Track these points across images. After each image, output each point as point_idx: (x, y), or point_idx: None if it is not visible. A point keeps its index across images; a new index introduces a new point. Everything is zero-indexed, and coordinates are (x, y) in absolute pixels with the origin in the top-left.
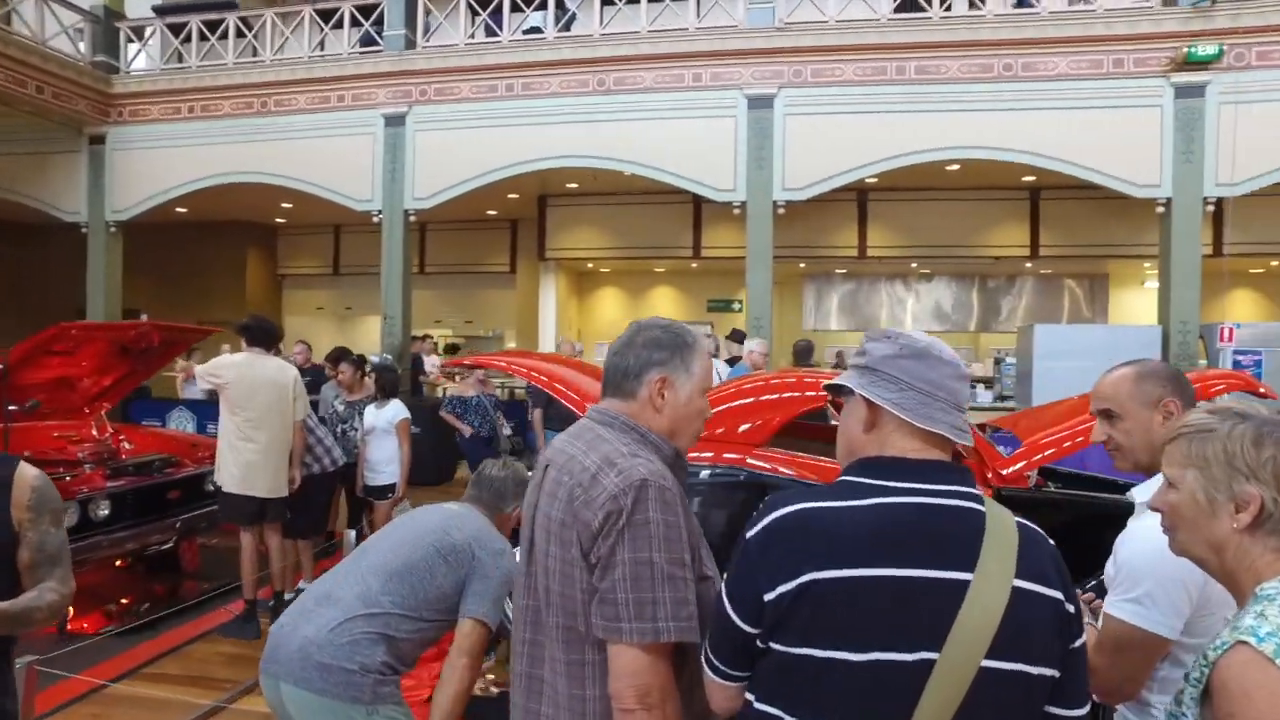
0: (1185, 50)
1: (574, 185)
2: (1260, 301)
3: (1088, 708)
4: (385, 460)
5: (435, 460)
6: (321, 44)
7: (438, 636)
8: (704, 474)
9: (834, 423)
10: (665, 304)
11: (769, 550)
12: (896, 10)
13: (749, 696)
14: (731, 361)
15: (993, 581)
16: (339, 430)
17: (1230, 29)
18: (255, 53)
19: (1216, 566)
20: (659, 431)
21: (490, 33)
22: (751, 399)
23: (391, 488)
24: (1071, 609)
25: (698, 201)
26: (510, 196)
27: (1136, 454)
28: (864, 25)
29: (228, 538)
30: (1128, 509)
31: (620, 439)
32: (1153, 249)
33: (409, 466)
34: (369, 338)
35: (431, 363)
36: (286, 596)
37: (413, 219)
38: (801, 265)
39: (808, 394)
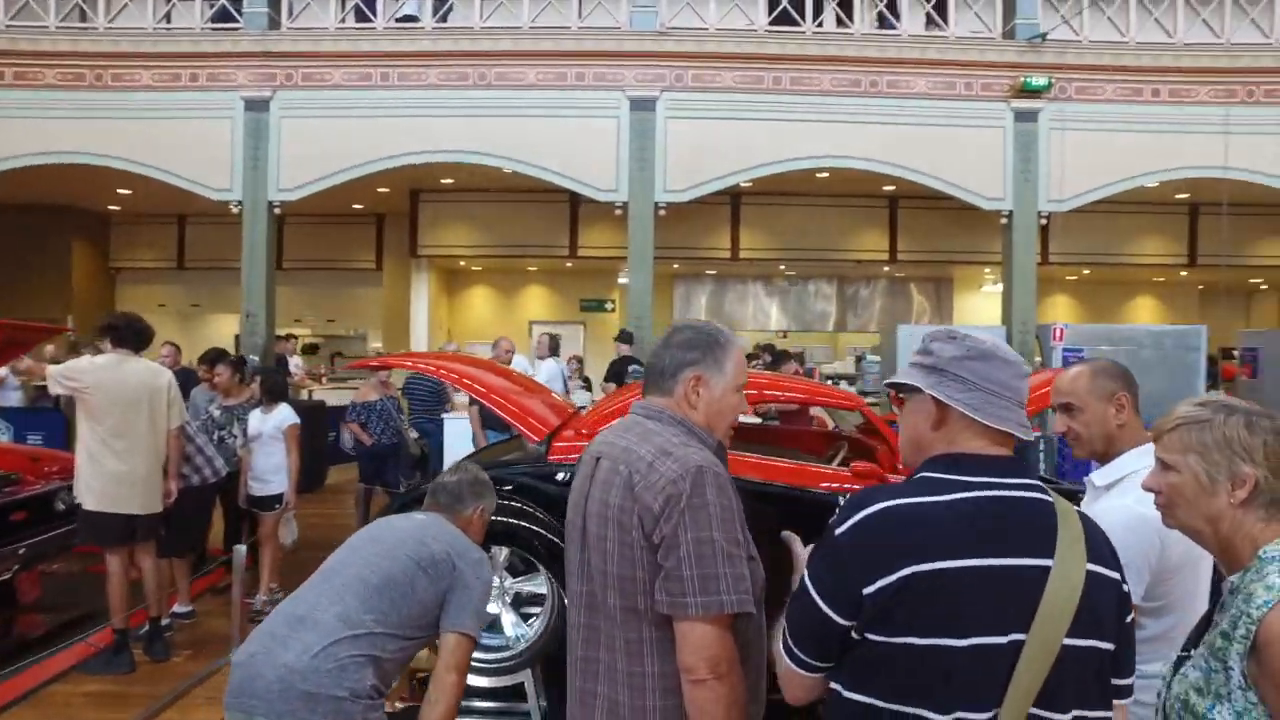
0: (1022, 80)
1: (449, 181)
2: (1075, 305)
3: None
4: (273, 469)
5: (304, 466)
6: (168, 16)
7: (416, 654)
8: None
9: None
10: (537, 304)
11: (863, 546)
12: (772, 22)
13: (834, 685)
14: (625, 362)
15: (1069, 566)
16: (215, 438)
17: (1057, 64)
18: (84, 17)
19: (1211, 536)
20: (698, 425)
21: (362, 17)
22: None
23: (279, 498)
24: (1126, 588)
25: (574, 201)
26: (380, 190)
27: (1094, 443)
28: (742, 35)
29: (74, 561)
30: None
31: (669, 431)
32: (992, 256)
33: (299, 475)
34: (220, 337)
35: (295, 364)
36: (164, 622)
37: (277, 211)
38: (675, 266)
39: (752, 392)
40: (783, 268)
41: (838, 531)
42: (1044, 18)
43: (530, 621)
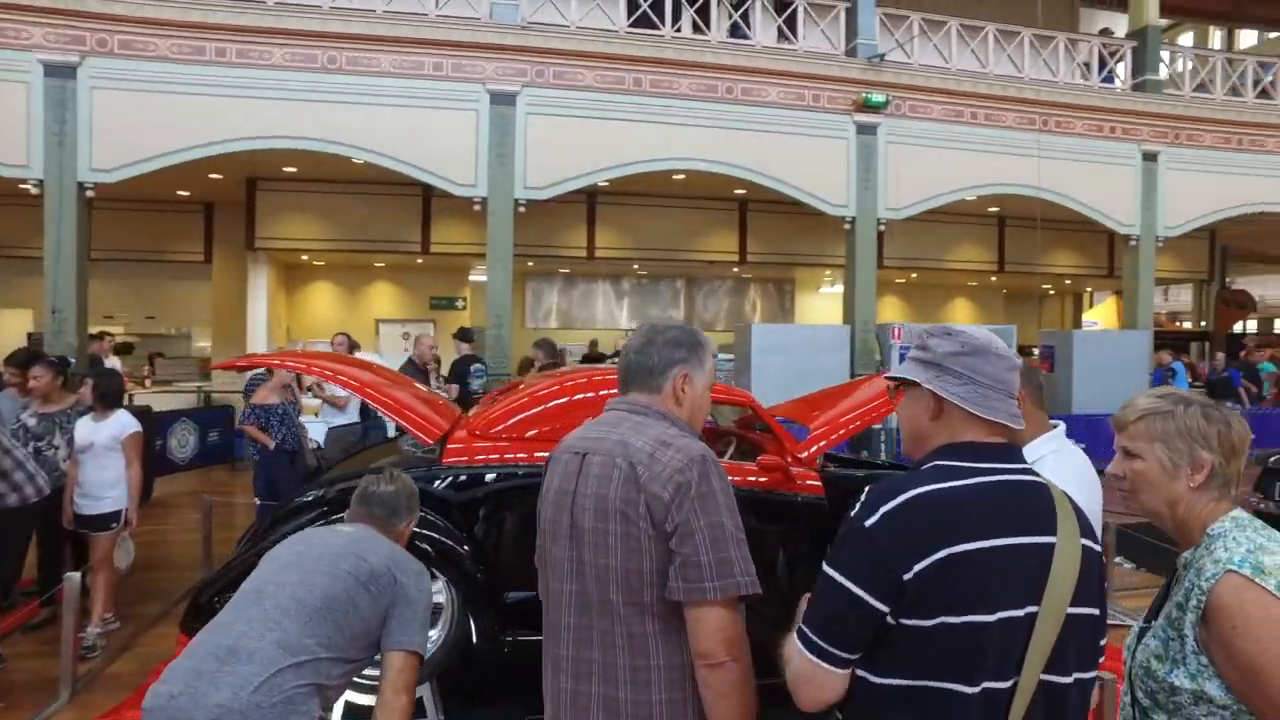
0: (863, 96)
1: (292, 169)
2: (903, 306)
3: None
4: (109, 483)
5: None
6: None
7: (354, 676)
8: (522, 473)
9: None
10: (385, 300)
11: (898, 533)
12: (632, 25)
13: (861, 673)
14: (467, 361)
15: (1069, 542)
16: (30, 449)
17: (893, 84)
18: None
19: (1169, 518)
20: (682, 420)
21: None
22: (567, 398)
23: (116, 516)
24: (1103, 559)
25: (427, 195)
26: (212, 177)
27: None
28: (604, 35)
29: None
30: None
31: (661, 425)
32: (832, 259)
33: (140, 489)
34: (10, 337)
35: (112, 365)
36: None
37: (89, 194)
38: (530, 264)
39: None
40: (636, 267)
41: (868, 522)
42: (882, 40)
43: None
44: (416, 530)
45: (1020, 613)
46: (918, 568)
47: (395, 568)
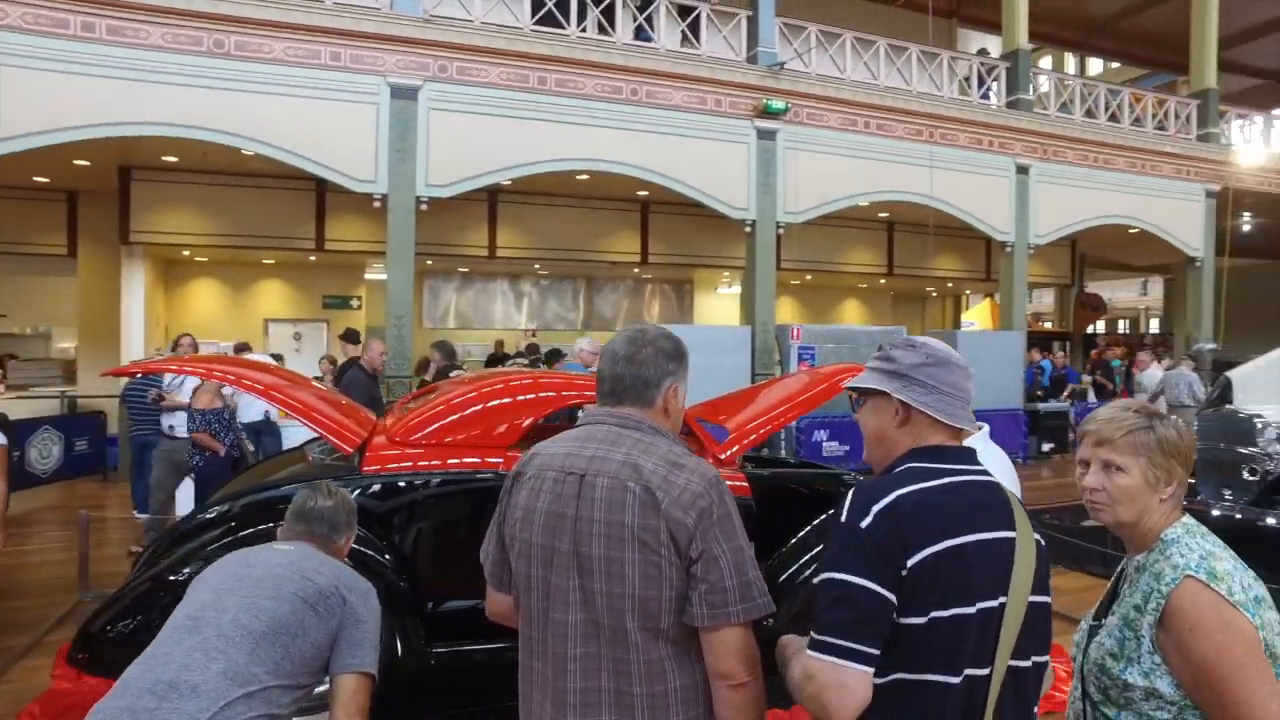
0: (764, 102)
1: (173, 159)
2: (798, 307)
3: None
4: None
5: None
6: None
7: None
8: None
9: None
10: (274, 299)
11: (893, 530)
12: (537, 23)
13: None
14: (349, 364)
15: (1026, 536)
16: None
17: (791, 91)
18: None
19: (1134, 527)
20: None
21: None
22: (486, 404)
23: None
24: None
25: (320, 190)
26: (78, 163)
27: None
28: (509, 31)
29: None
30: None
31: (660, 441)
32: (730, 261)
33: (4, 506)
34: None
35: None
36: None
37: None
38: (429, 263)
39: (554, 394)
40: (537, 267)
41: (863, 523)
42: (781, 49)
43: None
44: None
45: (994, 603)
46: (912, 563)
47: (343, 587)
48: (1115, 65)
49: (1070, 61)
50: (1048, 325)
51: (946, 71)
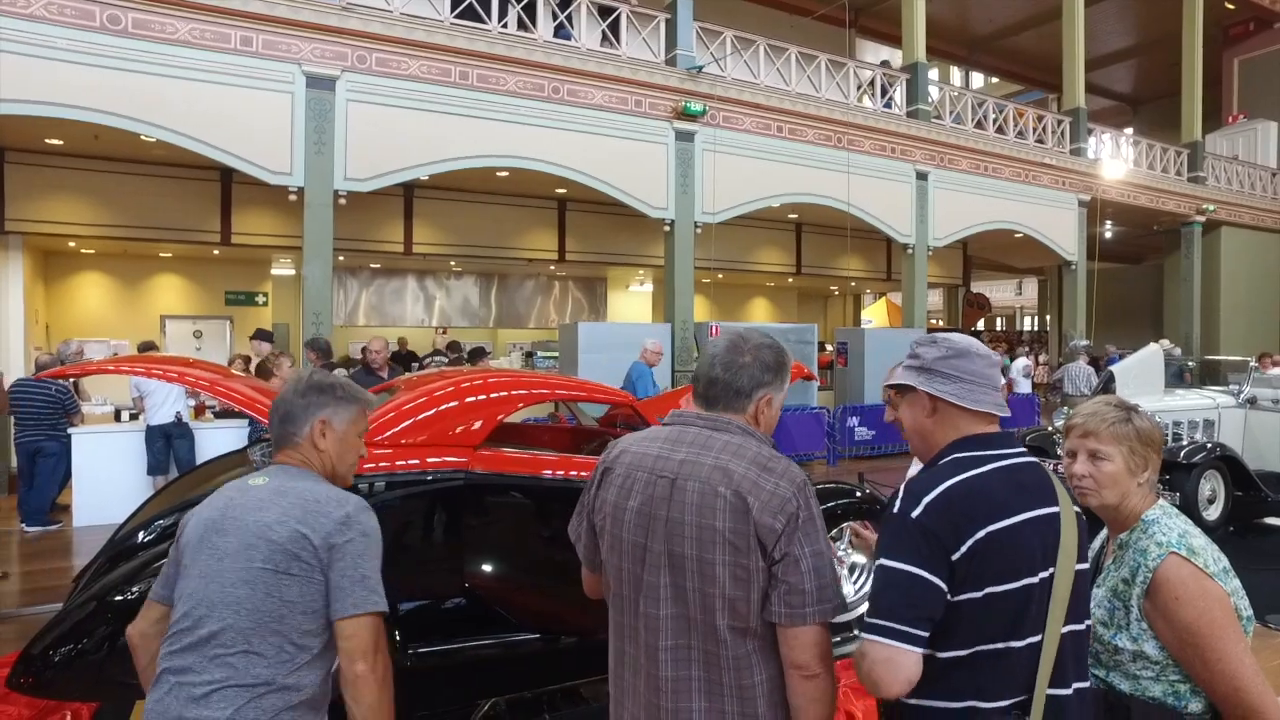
0: (683, 104)
1: (56, 141)
2: (709, 305)
3: None
4: None
5: None
6: None
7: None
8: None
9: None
10: (172, 295)
11: (942, 520)
12: (458, 16)
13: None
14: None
15: (1068, 509)
16: None
17: (709, 94)
18: None
19: (1116, 510)
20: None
21: None
22: (458, 402)
23: None
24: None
25: (226, 181)
26: None
27: None
28: (430, 23)
29: None
30: None
31: (750, 443)
32: (645, 259)
33: None
34: None
35: None
36: None
37: None
38: (341, 258)
39: (523, 392)
40: (453, 264)
41: (914, 514)
42: (699, 52)
43: None
44: None
45: (1044, 575)
46: (963, 548)
47: (311, 526)
48: (994, 80)
49: (955, 75)
50: (936, 322)
51: (853, 80)
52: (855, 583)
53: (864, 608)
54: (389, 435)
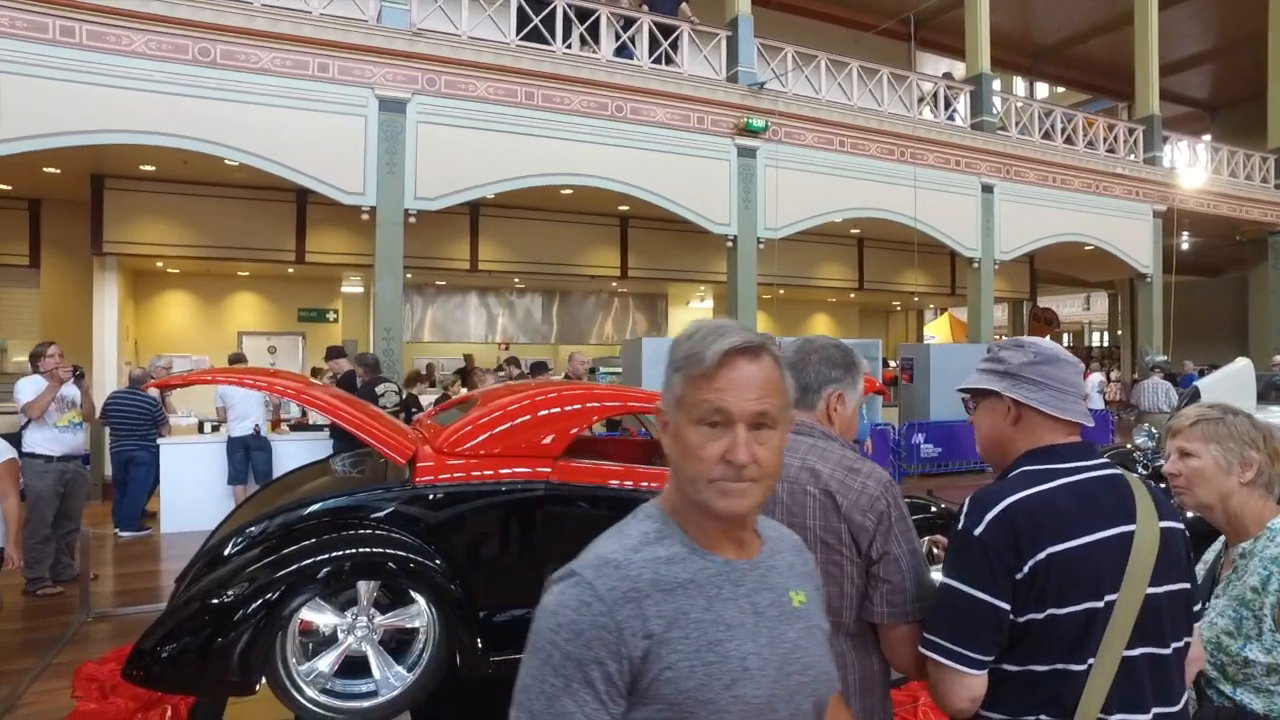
0: (745, 120)
1: (150, 168)
2: (770, 321)
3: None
4: None
5: None
6: None
7: None
8: (506, 489)
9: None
10: (249, 312)
11: (1005, 537)
12: (523, 38)
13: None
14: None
15: (1146, 528)
16: None
17: (771, 110)
18: None
19: (1221, 511)
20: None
21: None
22: (533, 415)
23: None
24: (1187, 535)
25: (301, 202)
26: (47, 170)
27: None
28: (496, 46)
29: None
30: None
31: (833, 446)
32: (706, 275)
33: (21, 523)
34: None
35: None
36: None
37: None
38: (409, 276)
39: (599, 405)
40: (516, 281)
41: (976, 531)
42: (759, 69)
43: (403, 659)
44: (397, 554)
45: (1108, 599)
46: (1027, 567)
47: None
48: (1060, 90)
49: (1020, 85)
50: (1000, 338)
51: (915, 93)
52: None
53: None
54: (475, 444)
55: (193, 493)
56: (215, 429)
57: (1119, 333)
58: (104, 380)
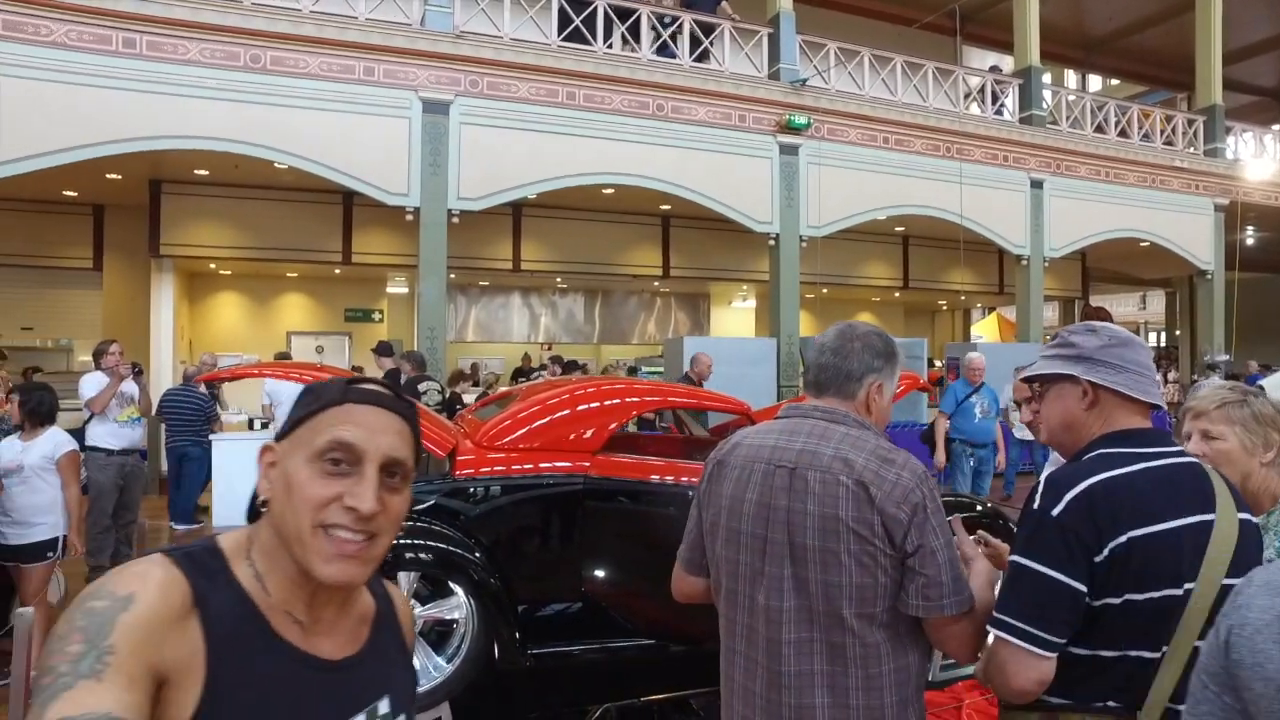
0: (787, 117)
1: (204, 172)
2: (811, 320)
3: None
4: (42, 508)
5: None
6: None
7: None
8: (545, 483)
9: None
10: (296, 312)
11: (1084, 519)
12: (564, 39)
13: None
14: (399, 376)
15: (1226, 518)
16: None
17: (813, 107)
18: None
19: (1241, 489)
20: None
21: None
22: (569, 410)
23: (52, 544)
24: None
25: (347, 203)
26: (110, 177)
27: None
28: (538, 47)
29: None
30: None
31: (867, 435)
32: (748, 274)
33: (83, 513)
34: None
35: None
36: None
37: None
38: (453, 276)
39: (638, 400)
40: (559, 280)
41: (1054, 511)
42: (801, 65)
43: (442, 650)
44: (438, 546)
45: (1183, 589)
46: (1106, 550)
47: None
48: (1114, 82)
49: (1071, 78)
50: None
51: (961, 88)
52: None
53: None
54: (515, 438)
55: (243, 488)
56: (264, 426)
57: (1177, 333)
58: (160, 378)
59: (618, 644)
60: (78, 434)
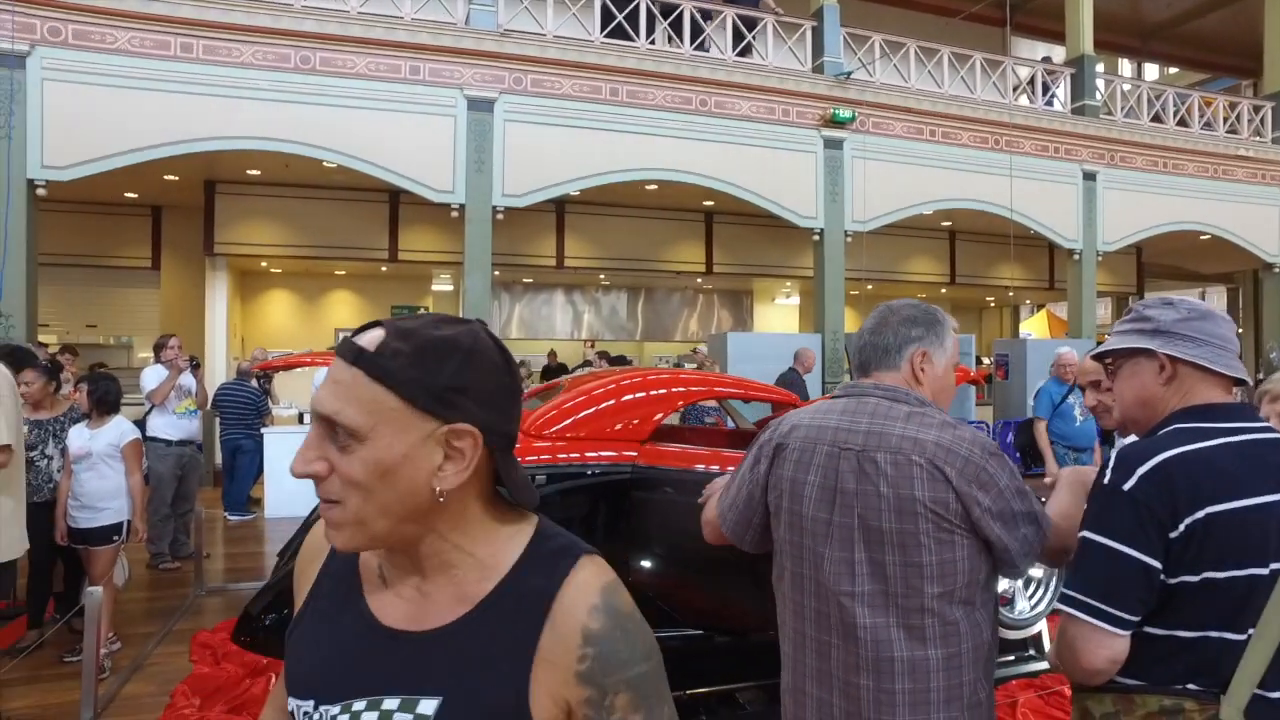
0: (831, 111)
1: (255, 172)
2: (853, 316)
3: None
4: (109, 494)
5: None
6: None
7: None
8: (591, 471)
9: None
10: (343, 308)
11: (1158, 494)
12: (607, 35)
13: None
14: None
15: None
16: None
17: (858, 101)
18: None
19: None
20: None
21: None
22: (629, 396)
23: (118, 528)
24: None
25: (394, 201)
26: (167, 178)
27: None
28: (581, 44)
29: None
30: None
31: (928, 410)
32: (792, 270)
33: (145, 499)
34: None
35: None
36: None
37: (40, 191)
38: (497, 273)
39: (685, 390)
40: (602, 277)
41: (1126, 486)
42: (846, 58)
43: None
44: None
45: (1267, 570)
46: (1183, 526)
47: None
48: (1173, 70)
49: (1126, 67)
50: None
51: (1010, 79)
52: (1031, 598)
53: (1039, 626)
54: (562, 427)
55: (294, 481)
56: None
57: (1239, 330)
58: (214, 374)
59: (664, 634)
60: (138, 426)
